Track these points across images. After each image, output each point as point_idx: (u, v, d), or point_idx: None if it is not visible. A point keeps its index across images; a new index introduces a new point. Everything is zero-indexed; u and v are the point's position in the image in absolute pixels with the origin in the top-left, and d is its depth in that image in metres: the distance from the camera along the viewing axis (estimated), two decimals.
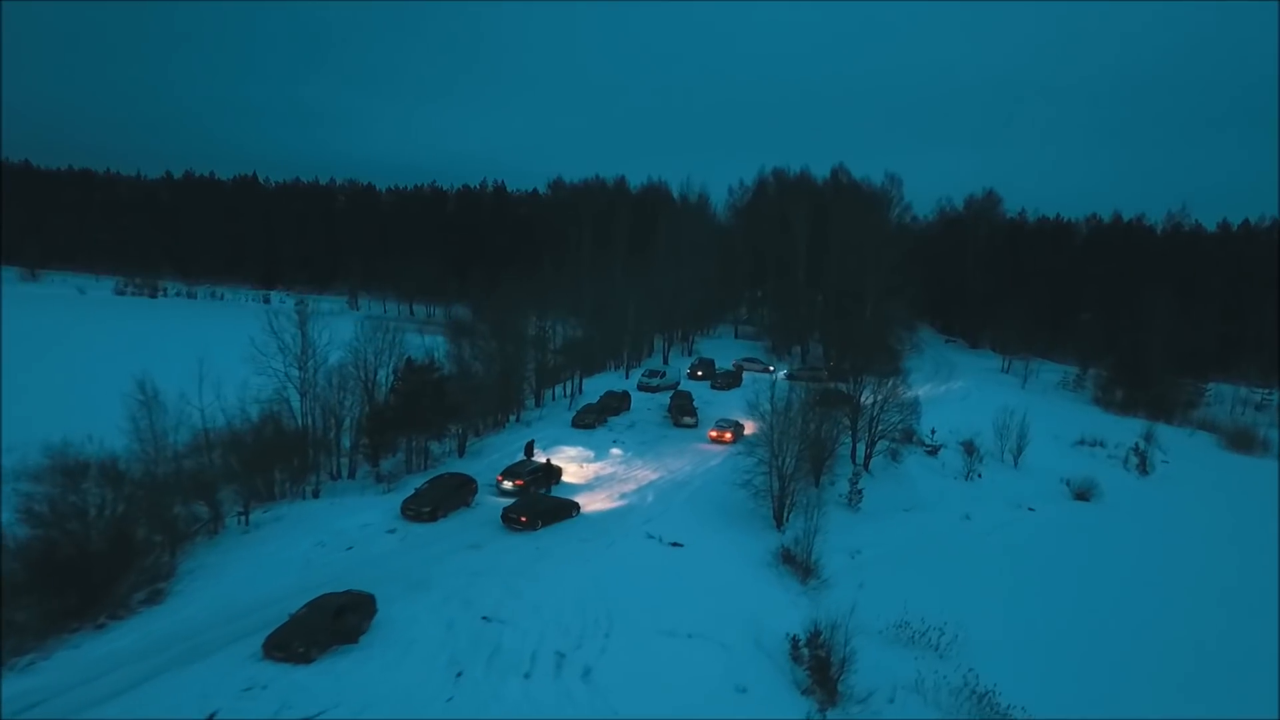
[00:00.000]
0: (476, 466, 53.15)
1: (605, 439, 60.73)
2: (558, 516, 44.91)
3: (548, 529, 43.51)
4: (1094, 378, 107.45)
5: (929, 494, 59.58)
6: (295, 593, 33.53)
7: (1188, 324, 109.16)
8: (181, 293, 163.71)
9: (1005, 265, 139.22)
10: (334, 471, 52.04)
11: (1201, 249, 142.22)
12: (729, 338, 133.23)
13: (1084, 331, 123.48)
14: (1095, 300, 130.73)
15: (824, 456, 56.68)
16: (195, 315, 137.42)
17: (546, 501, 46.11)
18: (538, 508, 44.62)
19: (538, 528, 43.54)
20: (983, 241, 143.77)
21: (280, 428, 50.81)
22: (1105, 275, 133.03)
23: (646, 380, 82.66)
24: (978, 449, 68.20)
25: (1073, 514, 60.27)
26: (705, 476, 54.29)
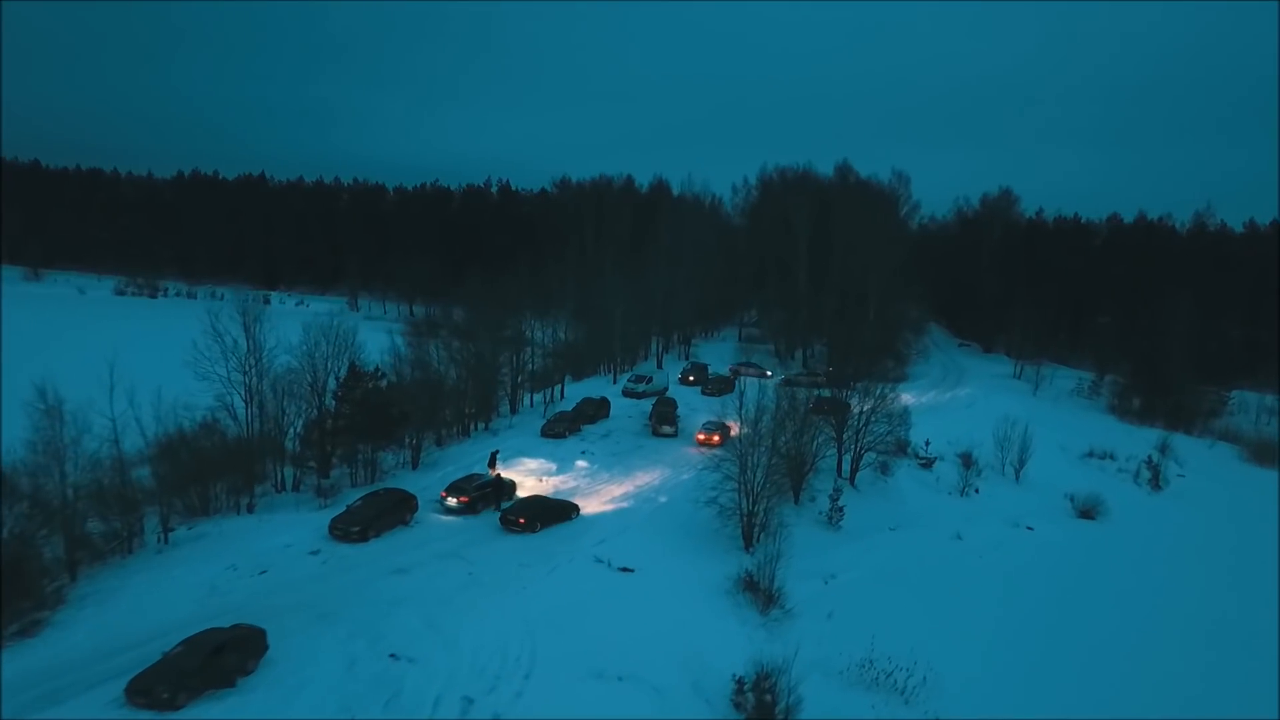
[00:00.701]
0: (428, 480, 49.87)
1: (574, 450, 57.22)
2: (558, 518, 44.44)
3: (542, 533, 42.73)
4: (1110, 384, 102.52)
5: (919, 511, 55.57)
6: (188, 624, 30.32)
7: (1210, 328, 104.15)
8: (182, 293, 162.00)
9: (1020, 266, 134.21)
10: (278, 484, 48.84)
11: (1227, 250, 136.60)
12: (734, 341, 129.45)
13: (1101, 336, 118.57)
14: (1114, 303, 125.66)
15: (804, 470, 52.90)
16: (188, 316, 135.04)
17: (546, 502, 45.52)
18: (536, 508, 44.17)
19: (536, 529, 42.98)
20: (997, 242, 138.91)
21: (221, 437, 47.78)
22: (1125, 277, 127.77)
23: (632, 386, 79.10)
24: (976, 462, 64.12)
25: (1075, 534, 56.04)
26: (674, 491, 50.60)
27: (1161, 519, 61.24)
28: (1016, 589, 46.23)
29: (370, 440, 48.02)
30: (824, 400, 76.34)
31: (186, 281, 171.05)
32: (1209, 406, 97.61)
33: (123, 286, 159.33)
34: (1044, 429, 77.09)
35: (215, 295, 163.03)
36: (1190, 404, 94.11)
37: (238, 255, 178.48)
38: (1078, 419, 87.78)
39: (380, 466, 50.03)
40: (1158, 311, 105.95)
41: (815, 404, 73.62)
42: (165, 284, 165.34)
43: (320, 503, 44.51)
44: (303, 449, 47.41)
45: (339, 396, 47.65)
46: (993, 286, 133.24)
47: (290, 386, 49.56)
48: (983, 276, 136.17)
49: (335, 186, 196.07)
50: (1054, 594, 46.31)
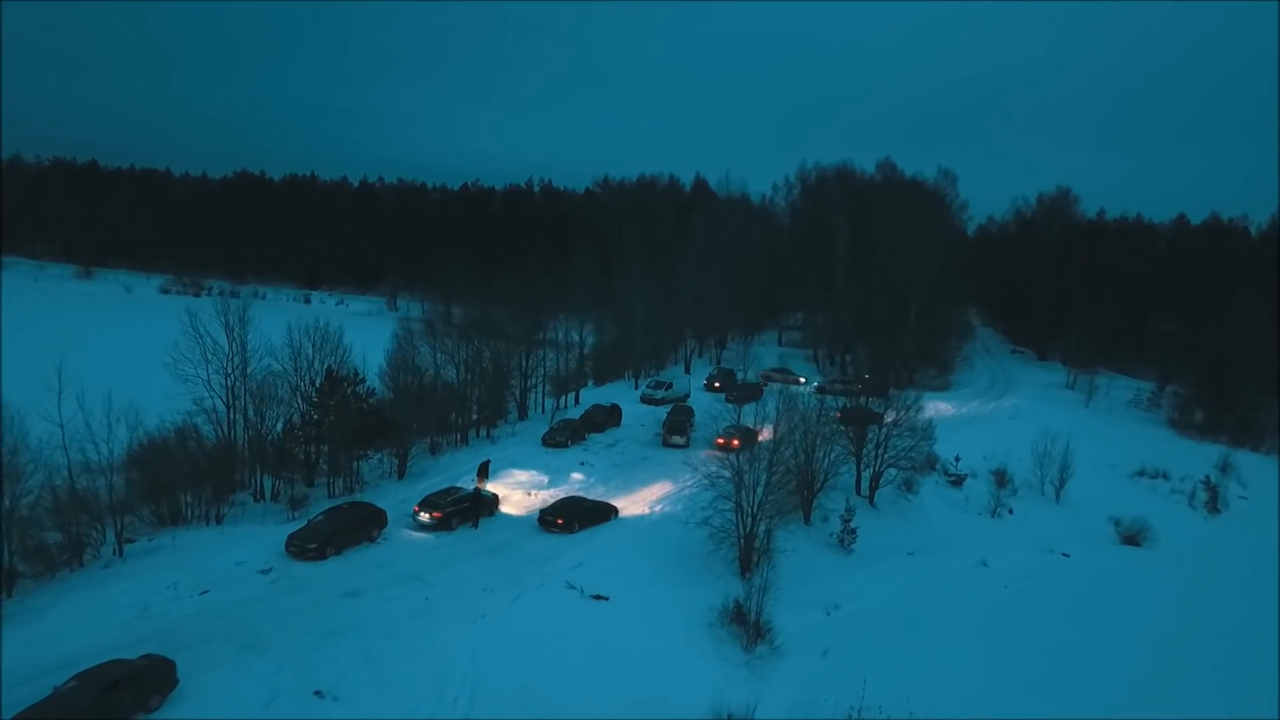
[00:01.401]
0: (412, 491, 47.10)
1: (573, 461, 54.09)
2: (596, 519, 44.14)
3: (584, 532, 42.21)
4: (1171, 396, 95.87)
5: (943, 533, 51.33)
6: (105, 651, 27.81)
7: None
8: (225, 291, 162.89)
9: (1078, 270, 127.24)
10: (257, 493, 46.60)
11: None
12: (772, 345, 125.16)
13: (1164, 344, 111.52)
14: (1178, 309, 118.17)
15: (814, 487, 49.02)
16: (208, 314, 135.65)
17: (584, 503, 45.03)
18: (575, 509, 43.78)
19: (574, 530, 42.59)
20: (1053, 243, 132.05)
21: (198, 443, 45.76)
22: (1191, 281, 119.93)
23: (650, 392, 75.71)
24: (1011, 479, 59.44)
25: (1117, 561, 51.33)
26: (671, 508, 47.07)
27: (1216, 546, 56.05)
28: (1044, 625, 41.94)
29: (349, 450, 45.46)
30: (852, 410, 72.51)
31: (231, 280, 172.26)
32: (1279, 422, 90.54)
33: (168, 285, 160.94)
34: (1092, 444, 71.95)
35: (258, 294, 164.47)
36: (1258, 419, 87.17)
37: (282, 255, 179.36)
38: (1132, 433, 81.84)
39: (361, 477, 47.51)
40: (1226, 318, 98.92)
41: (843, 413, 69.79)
42: (210, 283, 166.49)
43: (289, 515, 42.01)
44: (277, 458, 44.94)
45: (315, 403, 45.17)
46: (1049, 291, 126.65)
47: (271, 391, 47.30)
48: (1038, 280, 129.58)
49: (379, 186, 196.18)
50: (1087, 632, 41.87)
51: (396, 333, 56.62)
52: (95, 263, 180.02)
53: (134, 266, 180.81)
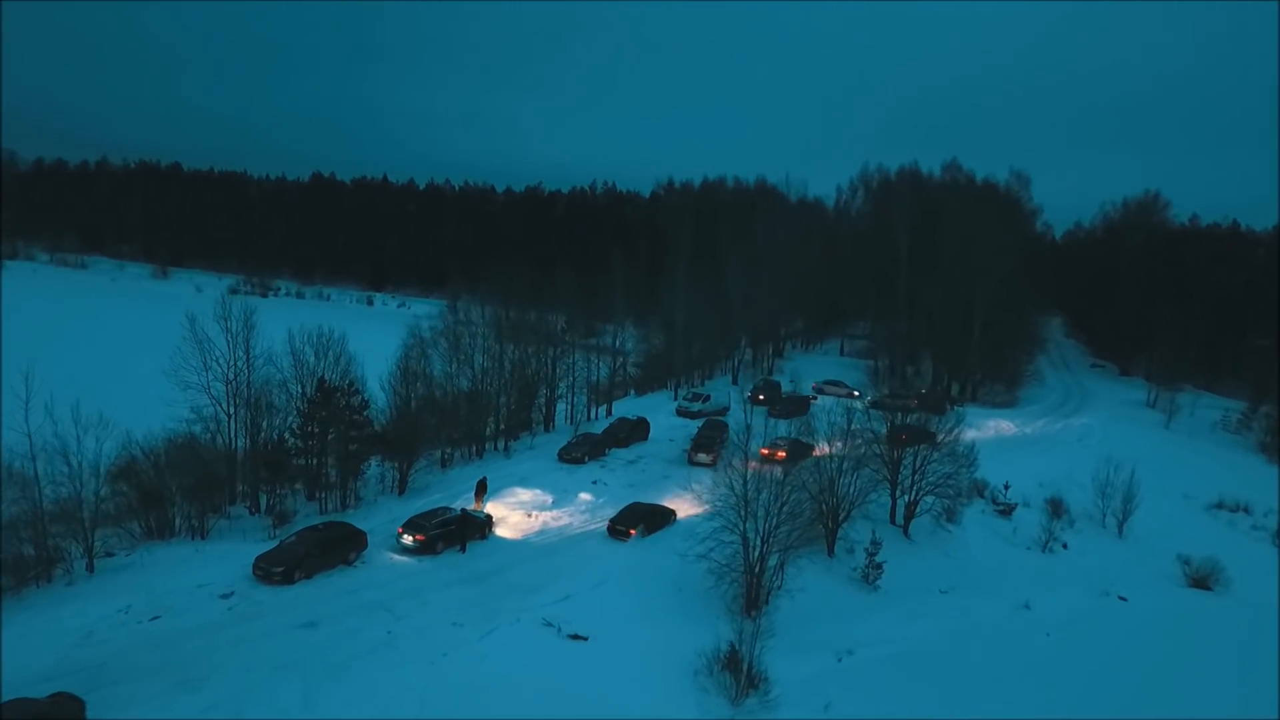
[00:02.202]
0: (410, 508, 44.91)
1: (586, 478, 51.25)
2: (663, 523, 44.76)
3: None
4: (1263, 418, 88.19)
5: (984, 570, 46.86)
6: (29, 685, 26.16)
7: None
8: (291, 293, 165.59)
9: (1166, 279, 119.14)
10: (253, 506, 44.98)
11: None
12: (834, 354, 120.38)
13: (1258, 360, 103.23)
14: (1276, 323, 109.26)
15: (839, 516, 45.13)
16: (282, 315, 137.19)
17: (647, 508, 45.27)
18: (641, 515, 44.06)
19: (645, 535, 42.95)
20: (1138, 251, 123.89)
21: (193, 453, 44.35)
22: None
23: (686, 405, 72.37)
24: (1068, 510, 54.43)
25: (1182, 607, 45.97)
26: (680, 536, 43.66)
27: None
28: (1090, 681, 37.29)
29: (343, 464, 43.47)
30: (904, 428, 68.05)
31: (299, 281, 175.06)
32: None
33: (237, 285, 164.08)
34: (1166, 470, 66.35)
35: (323, 296, 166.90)
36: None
37: (349, 256, 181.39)
38: (1215, 458, 75.19)
39: (358, 492, 45.50)
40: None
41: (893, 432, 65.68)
42: (278, 283, 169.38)
43: (270, 532, 40.14)
44: (267, 470, 43.16)
45: (305, 415, 43.28)
46: (1133, 301, 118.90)
47: (268, 400, 45.71)
48: (1122, 290, 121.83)
49: (445, 189, 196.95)
50: (1140, 691, 37.08)
51: (407, 339, 54.52)
52: (172, 263, 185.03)
53: (208, 267, 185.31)
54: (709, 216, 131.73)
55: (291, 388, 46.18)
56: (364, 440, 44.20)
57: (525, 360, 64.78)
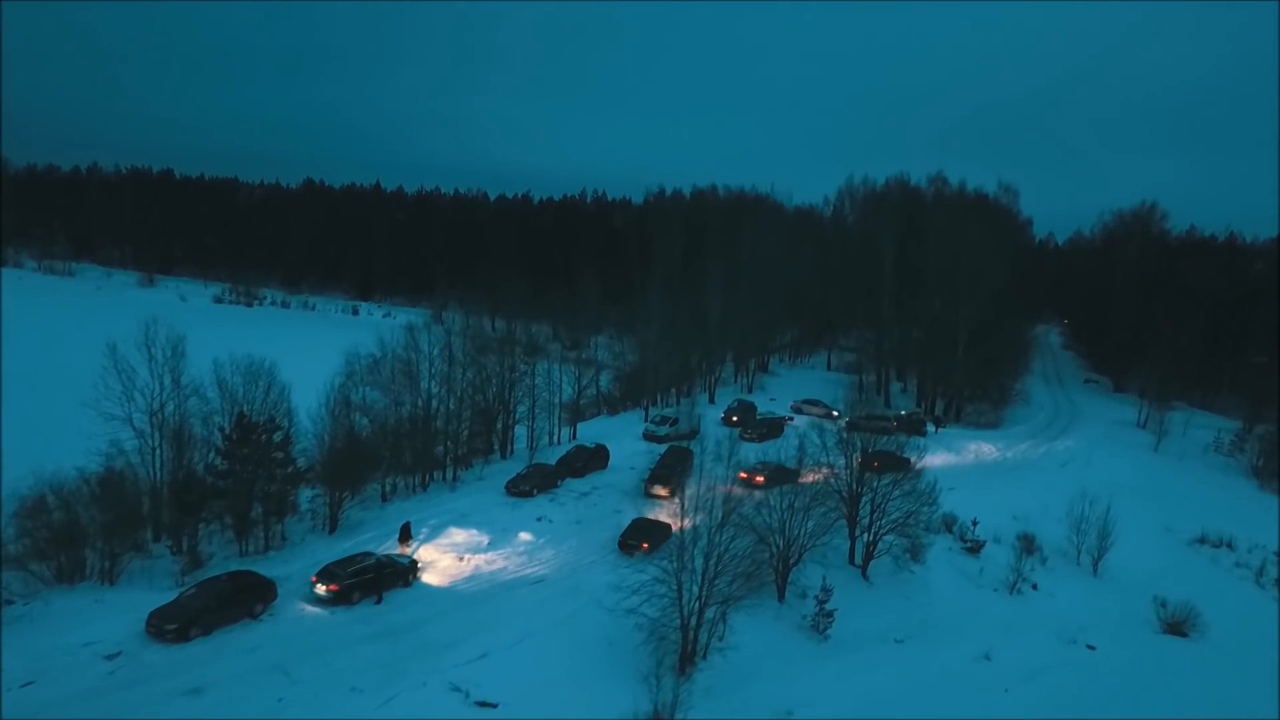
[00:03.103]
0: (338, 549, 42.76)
1: (531, 514, 48.92)
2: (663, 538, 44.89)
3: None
4: (1257, 439, 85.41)
5: (945, 615, 44.29)
6: None
7: None
8: (277, 302, 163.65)
9: (1162, 292, 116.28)
10: (176, 547, 42.72)
11: None
12: (821, 369, 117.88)
13: (1254, 378, 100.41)
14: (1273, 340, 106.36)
15: (790, 559, 42.73)
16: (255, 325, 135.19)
17: (651, 523, 46.70)
18: (646, 531, 45.48)
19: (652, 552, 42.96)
20: (1134, 263, 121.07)
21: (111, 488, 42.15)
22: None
23: (653, 428, 69.91)
24: (1040, 547, 51.96)
25: (1153, 657, 43.39)
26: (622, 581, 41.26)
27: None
28: None
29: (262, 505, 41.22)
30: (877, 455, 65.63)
31: (286, 290, 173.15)
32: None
33: (222, 294, 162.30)
34: (1151, 500, 63.92)
35: (308, 305, 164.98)
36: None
37: (338, 264, 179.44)
38: (1204, 485, 72.45)
39: (282, 532, 43.27)
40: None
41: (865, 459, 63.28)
42: (264, 292, 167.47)
43: (178, 579, 37.91)
44: (179, 512, 40.97)
45: (223, 453, 41.08)
46: (1128, 315, 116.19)
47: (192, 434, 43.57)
48: (1117, 303, 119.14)
49: (434, 196, 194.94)
50: None
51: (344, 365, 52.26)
52: (161, 270, 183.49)
53: (198, 274, 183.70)
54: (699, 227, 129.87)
55: (216, 420, 43.95)
56: (286, 479, 41.88)
57: (484, 382, 62.51)
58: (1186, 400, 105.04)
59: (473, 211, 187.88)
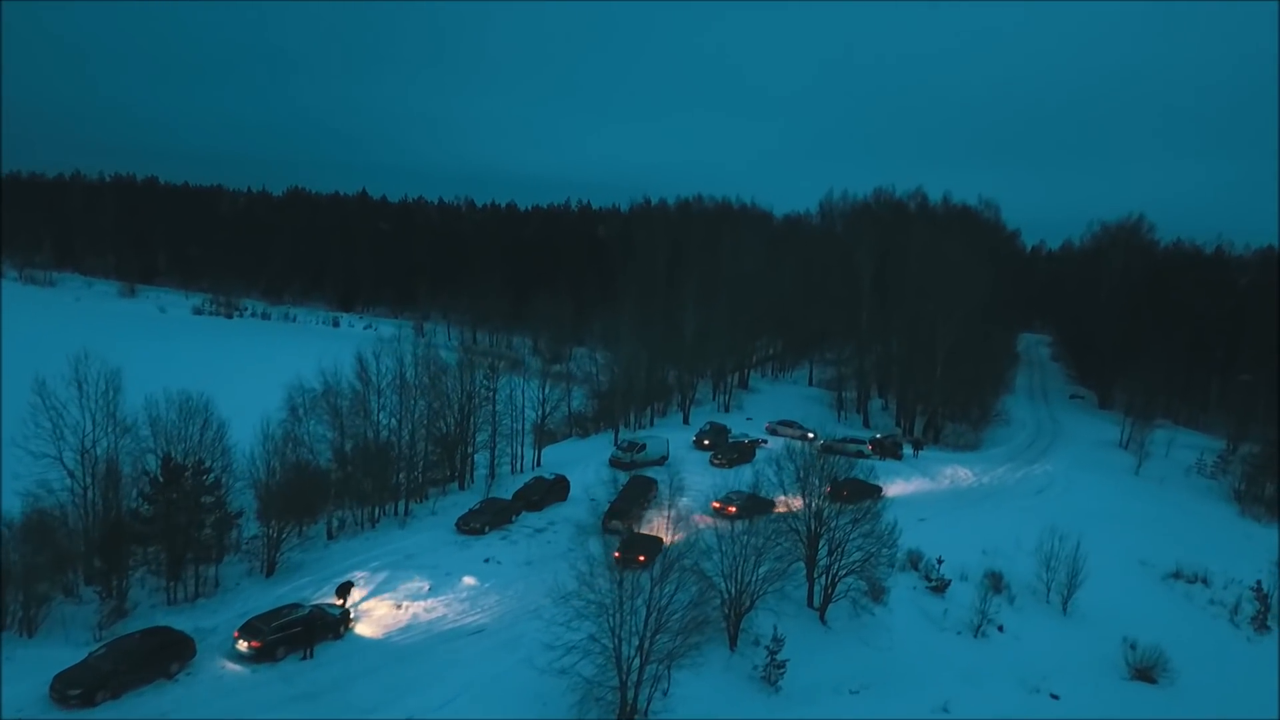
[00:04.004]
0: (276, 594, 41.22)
1: (480, 555, 47.31)
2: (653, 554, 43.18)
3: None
4: (1240, 461, 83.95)
5: (906, 662, 42.70)
6: None
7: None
8: (258, 313, 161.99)
9: (1148, 306, 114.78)
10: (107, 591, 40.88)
11: None
12: (803, 384, 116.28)
13: (1240, 396, 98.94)
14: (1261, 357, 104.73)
15: (742, 606, 41.16)
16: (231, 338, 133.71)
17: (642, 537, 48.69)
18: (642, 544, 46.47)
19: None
20: (1118, 277, 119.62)
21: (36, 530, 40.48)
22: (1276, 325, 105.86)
23: (621, 454, 68.18)
24: (1008, 585, 50.42)
25: (1119, 706, 41.82)
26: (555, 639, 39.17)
27: (1256, 681, 45.78)
28: None
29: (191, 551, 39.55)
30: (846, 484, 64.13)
31: (268, 301, 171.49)
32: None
33: (203, 306, 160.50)
34: (1127, 530, 62.54)
35: (289, 317, 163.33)
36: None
37: (320, 275, 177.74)
38: (1184, 511, 70.90)
39: (216, 577, 41.63)
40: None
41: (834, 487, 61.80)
42: (245, 303, 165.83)
43: (96, 633, 36.21)
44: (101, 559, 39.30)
45: (148, 497, 39.48)
46: (1113, 330, 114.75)
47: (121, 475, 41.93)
48: (1103, 317, 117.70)
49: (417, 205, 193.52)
50: None
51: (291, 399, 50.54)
52: (143, 280, 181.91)
53: (180, 284, 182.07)
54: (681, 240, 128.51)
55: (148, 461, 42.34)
56: (216, 524, 40.27)
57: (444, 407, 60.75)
58: (1171, 418, 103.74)
59: (457, 221, 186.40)
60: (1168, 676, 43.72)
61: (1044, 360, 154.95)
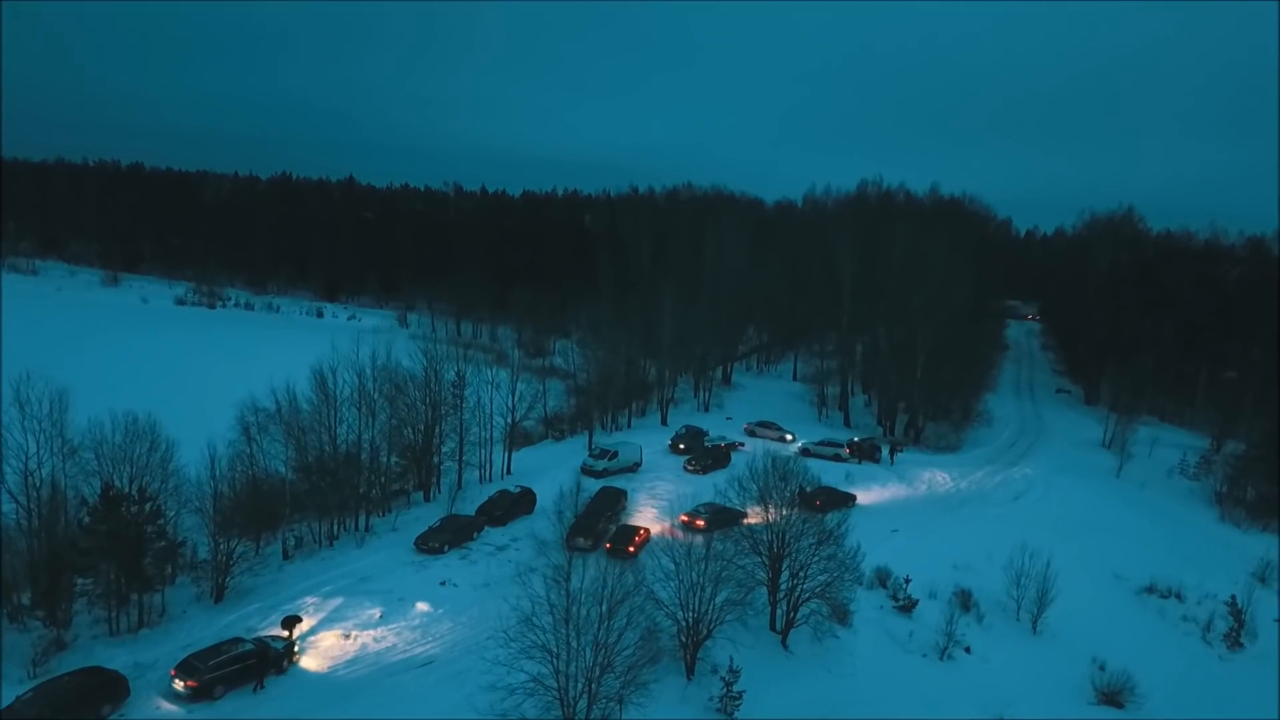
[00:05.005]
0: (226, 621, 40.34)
1: (436, 577, 46.29)
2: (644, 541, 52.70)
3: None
4: (1224, 461, 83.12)
5: (867, 689, 41.88)
6: None
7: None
8: (241, 304, 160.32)
9: (1136, 300, 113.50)
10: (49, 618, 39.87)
11: None
12: (787, 378, 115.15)
13: (1225, 395, 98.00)
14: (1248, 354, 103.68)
15: (700, 634, 40.26)
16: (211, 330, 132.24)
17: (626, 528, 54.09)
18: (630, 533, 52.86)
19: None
20: (1106, 270, 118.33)
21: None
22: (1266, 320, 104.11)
23: (592, 462, 67.08)
24: (977, 604, 49.61)
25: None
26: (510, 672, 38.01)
27: (1226, 703, 45.03)
28: None
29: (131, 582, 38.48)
30: (821, 492, 63.27)
31: (252, 290, 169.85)
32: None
33: (185, 296, 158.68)
34: (1102, 540, 61.73)
35: (272, 307, 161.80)
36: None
37: (306, 264, 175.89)
38: (1163, 517, 70.01)
39: (162, 605, 40.64)
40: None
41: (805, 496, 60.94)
42: (228, 293, 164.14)
43: (29, 671, 35.14)
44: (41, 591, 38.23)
45: (87, 529, 38.41)
46: (1099, 324, 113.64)
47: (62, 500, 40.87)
48: (1089, 311, 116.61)
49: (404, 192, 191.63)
50: None
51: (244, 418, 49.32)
52: (127, 268, 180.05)
53: (164, 273, 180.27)
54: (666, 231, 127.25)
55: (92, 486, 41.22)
56: (157, 555, 39.23)
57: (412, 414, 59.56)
58: (1157, 414, 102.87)
59: (442, 209, 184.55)
60: (1135, 701, 42.99)
61: (1034, 351, 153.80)
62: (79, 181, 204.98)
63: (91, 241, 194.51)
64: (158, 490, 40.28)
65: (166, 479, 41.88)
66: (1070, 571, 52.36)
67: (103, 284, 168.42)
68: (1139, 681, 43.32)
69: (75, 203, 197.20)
